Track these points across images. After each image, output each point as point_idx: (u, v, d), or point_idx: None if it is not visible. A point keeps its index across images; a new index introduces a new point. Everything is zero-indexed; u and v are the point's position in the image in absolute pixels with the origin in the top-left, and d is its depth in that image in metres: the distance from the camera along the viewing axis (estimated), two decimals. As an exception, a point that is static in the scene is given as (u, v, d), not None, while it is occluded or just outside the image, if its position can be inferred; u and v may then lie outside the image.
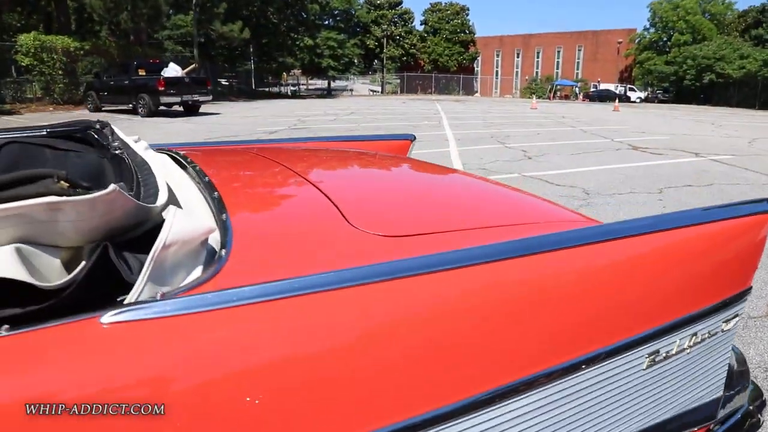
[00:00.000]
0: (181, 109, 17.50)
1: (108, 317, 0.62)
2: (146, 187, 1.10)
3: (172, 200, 1.04)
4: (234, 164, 1.63)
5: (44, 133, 1.97)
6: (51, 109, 18.96)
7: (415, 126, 14.37)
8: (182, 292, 0.70)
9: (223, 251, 0.80)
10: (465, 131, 13.16)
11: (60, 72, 20.12)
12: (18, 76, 20.52)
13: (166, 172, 1.47)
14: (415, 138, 2.67)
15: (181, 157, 1.85)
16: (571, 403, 0.84)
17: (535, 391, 0.80)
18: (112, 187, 0.74)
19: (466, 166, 7.67)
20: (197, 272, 0.78)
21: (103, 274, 0.72)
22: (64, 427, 0.57)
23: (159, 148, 2.02)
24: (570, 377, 0.83)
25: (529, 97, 43.59)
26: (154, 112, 16.33)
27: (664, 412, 0.99)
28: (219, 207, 1.00)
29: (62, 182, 0.76)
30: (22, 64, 19.51)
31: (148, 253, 0.78)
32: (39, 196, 0.71)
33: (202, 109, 18.30)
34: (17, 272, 0.66)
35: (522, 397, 0.78)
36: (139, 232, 0.84)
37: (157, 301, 0.66)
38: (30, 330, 0.61)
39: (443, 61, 55.97)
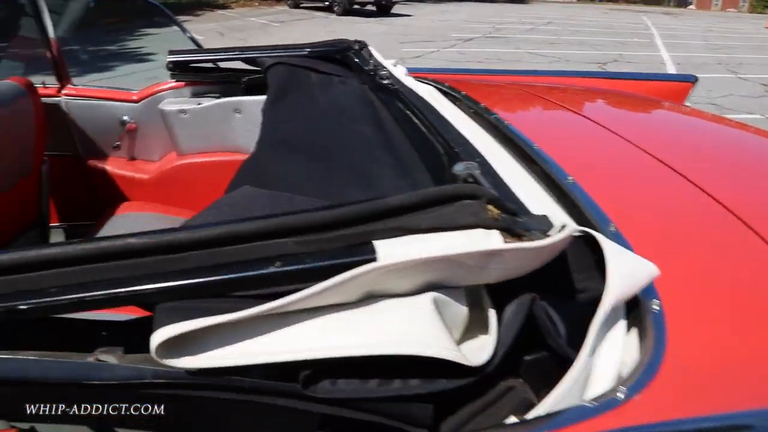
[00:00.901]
0: (374, 9, 17.52)
1: None
2: (471, 157, 0.90)
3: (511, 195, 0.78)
4: (542, 117, 1.41)
5: (305, 53, 1.98)
6: (256, 3, 20.12)
7: (623, 43, 12.82)
8: (646, 384, 0.53)
9: (654, 302, 0.60)
10: (684, 53, 11.42)
11: (264, -34, 21.09)
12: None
13: (452, 117, 1.23)
14: (697, 80, 2.27)
15: (452, 90, 1.70)
16: None
17: None
18: (568, 230, 0.56)
19: (690, 99, 6.67)
20: (620, 331, 0.57)
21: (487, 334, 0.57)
22: None
23: (414, 74, 1.89)
24: None
25: (761, 12, 36.43)
26: (348, 11, 16.58)
27: None
28: (592, 210, 0.77)
29: (491, 208, 0.57)
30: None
31: (550, 298, 0.60)
32: (467, 227, 0.55)
33: (394, 9, 18.14)
34: (445, 347, 0.51)
35: None
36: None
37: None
38: None
39: (657, -36, 48.57)
